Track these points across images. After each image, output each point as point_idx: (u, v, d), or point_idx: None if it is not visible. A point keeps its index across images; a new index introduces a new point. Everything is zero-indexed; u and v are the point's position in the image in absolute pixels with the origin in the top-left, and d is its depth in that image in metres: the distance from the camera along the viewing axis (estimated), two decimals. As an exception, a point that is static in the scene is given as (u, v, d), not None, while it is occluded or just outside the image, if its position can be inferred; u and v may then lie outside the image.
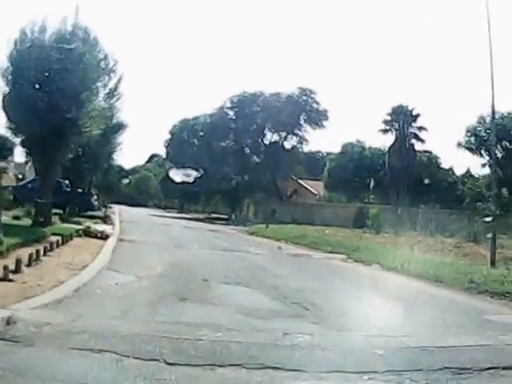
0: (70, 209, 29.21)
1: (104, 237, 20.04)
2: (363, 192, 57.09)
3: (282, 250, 22.10)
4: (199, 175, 58.55)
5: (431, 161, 53.33)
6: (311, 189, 65.11)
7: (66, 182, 32.13)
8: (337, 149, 59.39)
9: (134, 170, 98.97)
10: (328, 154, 73.09)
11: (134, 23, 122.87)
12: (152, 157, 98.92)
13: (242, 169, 55.92)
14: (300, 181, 63.86)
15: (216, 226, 40.11)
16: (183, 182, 59.30)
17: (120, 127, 30.60)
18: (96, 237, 19.90)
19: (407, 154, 48.65)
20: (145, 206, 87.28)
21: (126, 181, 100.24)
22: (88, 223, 24.14)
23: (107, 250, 16.01)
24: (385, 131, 51.54)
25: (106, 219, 29.06)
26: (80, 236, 19.57)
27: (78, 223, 23.93)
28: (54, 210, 28.16)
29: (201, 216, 59.90)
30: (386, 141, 53.34)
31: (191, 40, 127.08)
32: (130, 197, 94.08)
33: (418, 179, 49.60)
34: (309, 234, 28.46)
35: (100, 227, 23.06)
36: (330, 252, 21.80)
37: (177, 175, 60.22)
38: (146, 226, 30.11)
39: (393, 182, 48.50)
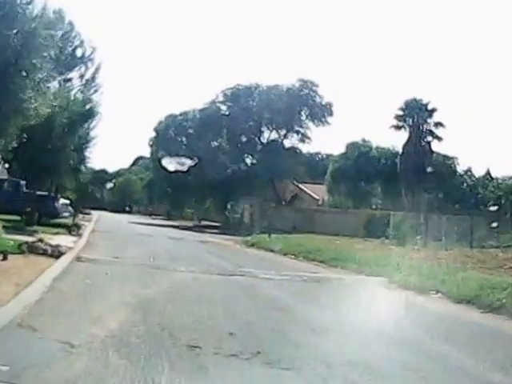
0: (27, 216, 23.60)
1: (56, 254, 14.57)
2: (370, 196, 52.41)
3: (295, 269, 16.57)
4: (193, 163, 52.77)
5: (446, 162, 48.06)
6: (312, 193, 59.86)
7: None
8: (338, 150, 54.14)
9: (118, 174, 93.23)
10: (328, 155, 68.08)
11: (115, 10, 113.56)
12: (137, 159, 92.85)
13: (236, 170, 50.41)
14: (299, 184, 58.47)
15: (207, 235, 34.60)
16: (177, 171, 53.87)
17: (90, 115, 24.99)
18: (45, 254, 14.46)
19: (423, 153, 43.65)
20: (129, 212, 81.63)
21: (109, 185, 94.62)
22: (43, 235, 18.85)
23: (46, 278, 10.55)
24: (397, 127, 46.71)
25: (72, 229, 23.48)
26: (22, 253, 14.16)
27: (33, 234, 18.76)
28: (10, 217, 22.89)
29: (190, 224, 54.36)
30: (395, 140, 48.60)
31: (178, 28, 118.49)
32: (114, 203, 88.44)
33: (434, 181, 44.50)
34: (322, 247, 22.96)
35: (58, 240, 17.69)
36: (360, 272, 16.41)
37: (170, 164, 55.19)
38: (123, 236, 24.61)
39: (407, 185, 43.54)
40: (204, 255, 18.61)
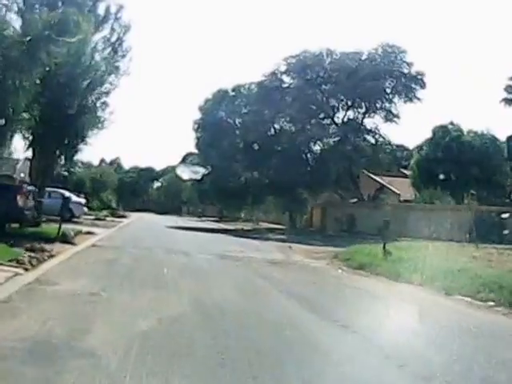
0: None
1: None
2: (464, 190, 42.19)
3: None
4: (207, 172, 44.98)
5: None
6: (392, 187, 48.89)
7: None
8: (412, 142, 43.49)
9: (165, 172, 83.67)
10: (399, 146, 58.00)
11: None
12: (187, 155, 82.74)
13: (302, 159, 39.57)
14: (374, 176, 47.18)
15: (275, 245, 23.84)
16: (191, 179, 49.66)
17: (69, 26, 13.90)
18: None
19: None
20: (178, 213, 71.90)
21: (157, 184, 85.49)
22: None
23: None
24: (509, 101, 35.84)
25: (40, 246, 12.94)
26: None
27: None
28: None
29: (246, 226, 43.72)
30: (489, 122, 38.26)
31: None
32: (161, 203, 79.09)
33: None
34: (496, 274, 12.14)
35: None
36: None
37: (184, 172, 52.83)
38: (133, 260, 13.84)
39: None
40: (302, 324, 7.55)
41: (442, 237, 26.94)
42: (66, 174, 51.94)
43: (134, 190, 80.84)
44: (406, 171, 51.03)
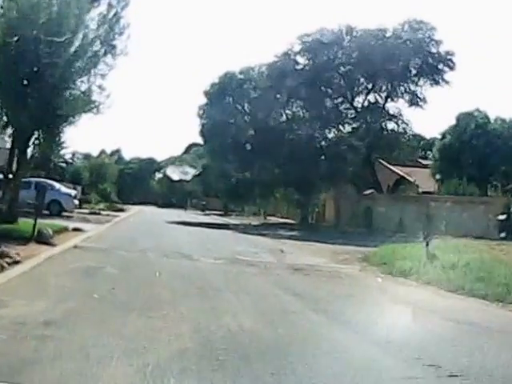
0: None
1: None
2: (487, 180, 39.76)
3: None
4: (197, 173, 44.35)
5: None
6: (411, 178, 46.02)
7: None
8: (429, 131, 40.81)
9: (168, 163, 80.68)
10: (415, 135, 55.24)
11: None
12: (190, 146, 79.92)
13: (315, 147, 36.59)
14: (392, 167, 44.23)
15: (287, 243, 20.94)
16: (180, 180, 49.00)
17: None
18: None
19: None
20: (181, 206, 68.99)
21: (158, 176, 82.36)
22: None
23: None
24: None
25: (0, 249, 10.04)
26: None
27: None
28: None
29: (254, 221, 40.90)
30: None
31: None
32: (164, 196, 76.03)
33: None
34: None
35: None
36: None
37: (174, 173, 52.47)
38: (123, 265, 10.83)
39: None
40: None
41: (471, 233, 24.40)
42: (63, 165, 49.56)
43: (135, 182, 77.93)
44: (423, 161, 48.25)
